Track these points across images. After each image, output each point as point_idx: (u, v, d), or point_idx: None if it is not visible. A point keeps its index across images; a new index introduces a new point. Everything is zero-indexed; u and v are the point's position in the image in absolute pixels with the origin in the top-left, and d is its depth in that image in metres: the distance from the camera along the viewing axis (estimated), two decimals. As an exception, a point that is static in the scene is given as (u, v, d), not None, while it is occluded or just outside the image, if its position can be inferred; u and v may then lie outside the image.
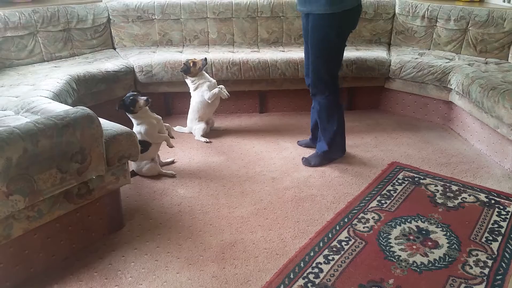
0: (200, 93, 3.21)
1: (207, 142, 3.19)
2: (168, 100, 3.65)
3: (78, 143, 1.80)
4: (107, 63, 3.30)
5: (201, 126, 3.25)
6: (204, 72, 3.23)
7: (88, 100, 3.05)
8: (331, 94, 2.74)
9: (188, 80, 3.24)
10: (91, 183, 1.95)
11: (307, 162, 2.88)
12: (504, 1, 3.70)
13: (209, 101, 3.20)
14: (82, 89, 3.00)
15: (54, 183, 1.75)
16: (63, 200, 1.85)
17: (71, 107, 1.99)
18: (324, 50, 2.63)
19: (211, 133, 3.34)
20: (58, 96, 2.61)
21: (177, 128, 3.37)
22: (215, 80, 3.27)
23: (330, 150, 2.85)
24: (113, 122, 2.14)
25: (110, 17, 3.72)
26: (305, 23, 2.70)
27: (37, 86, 2.67)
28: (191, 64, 3.14)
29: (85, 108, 1.91)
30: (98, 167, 1.92)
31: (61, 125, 1.75)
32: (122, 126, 2.11)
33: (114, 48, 3.77)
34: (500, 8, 3.61)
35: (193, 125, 3.29)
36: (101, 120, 1.98)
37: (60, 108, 2.18)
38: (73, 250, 2.00)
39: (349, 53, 3.48)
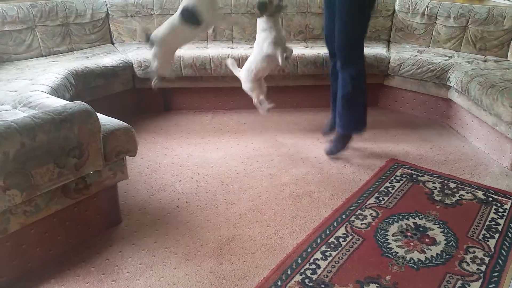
0: (262, 40, 2.78)
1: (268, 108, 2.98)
2: (166, 95, 3.64)
3: (75, 138, 1.80)
4: (105, 58, 3.29)
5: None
6: (279, 18, 2.88)
7: (86, 95, 3.04)
8: (362, 64, 2.74)
9: (260, 20, 2.80)
10: (89, 178, 1.94)
11: (330, 152, 2.88)
12: (504, -1, 3.70)
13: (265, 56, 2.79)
14: (80, 84, 2.99)
15: (51, 177, 1.75)
16: (60, 195, 1.85)
17: (69, 102, 1.99)
18: (357, 9, 2.60)
19: (210, 129, 3.34)
20: (56, 91, 2.60)
21: (230, 62, 3.09)
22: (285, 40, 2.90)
23: (354, 127, 2.84)
24: (111, 117, 2.13)
25: (109, 12, 3.70)
26: None
27: (35, 81, 2.66)
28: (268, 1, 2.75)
29: (83, 103, 1.90)
30: (95, 162, 1.91)
31: (59, 119, 1.75)
32: (120, 121, 2.10)
33: (113, 43, 3.75)
34: (500, 6, 3.60)
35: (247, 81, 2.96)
36: (99, 115, 1.97)
37: (58, 103, 2.17)
38: (70, 245, 2.00)
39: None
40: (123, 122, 2.11)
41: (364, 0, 2.64)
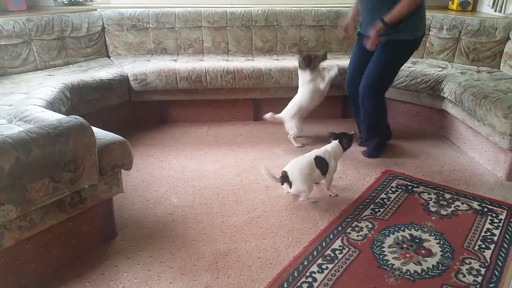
0: (312, 84, 3.20)
1: (299, 147, 3.24)
2: (162, 108, 3.65)
3: (71, 152, 1.79)
4: (101, 71, 3.31)
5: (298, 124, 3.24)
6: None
7: (82, 108, 3.04)
8: (382, 98, 3.06)
9: (303, 72, 3.22)
10: (84, 192, 1.94)
11: (370, 154, 3.10)
12: (495, 11, 3.75)
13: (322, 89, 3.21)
14: (76, 98, 3.00)
15: (46, 192, 1.74)
16: (55, 210, 1.84)
17: (64, 116, 1.99)
18: (391, 70, 2.98)
19: (206, 141, 3.35)
20: (52, 105, 2.60)
21: (269, 115, 3.30)
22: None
23: (373, 153, 3.11)
24: (106, 131, 2.14)
25: (105, 26, 3.73)
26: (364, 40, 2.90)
27: (31, 95, 2.66)
28: (313, 57, 3.18)
29: (78, 117, 1.90)
30: (91, 176, 1.91)
31: (54, 134, 1.75)
32: (116, 135, 2.10)
33: (109, 57, 3.77)
34: (491, 18, 3.65)
35: (292, 121, 3.24)
36: (94, 129, 1.97)
37: (54, 117, 2.17)
38: (65, 260, 1.99)
39: (344, 61, 3.50)
40: (119, 136, 2.11)
41: (400, 64, 3.01)
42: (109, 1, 4.05)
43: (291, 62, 3.62)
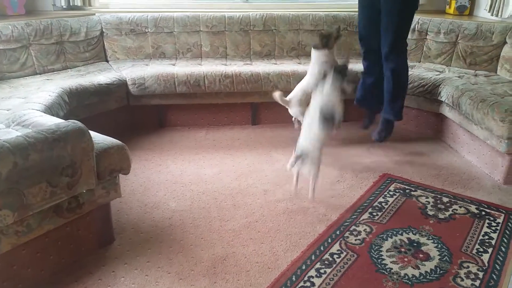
0: (326, 65, 2.96)
1: None
2: (160, 112, 3.65)
3: (68, 157, 1.80)
4: (99, 75, 3.31)
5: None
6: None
7: (80, 112, 3.04)
8: (406, 57, 3.07)
9: (320, 53, 3.04)
10: (81, 197, 1.94)
11: (379, 137, 3.20)
12: (492, 15, 3.77)
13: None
14: (74, 102, 3.00)
15: (44, 197, 1.74)
16: (52, 215, 1.84)
17: (62, 121, 1.99)
18: (410, 13, 2.96)
19: (204, 145, 3.35)
20: (50, 109, 2.60)
21: (278, 95, 3.13)
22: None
23: (398, 116, 3.16)
24: (104, 135, 2.14)
25: (103, 30, 3.73)
26: None
27: (29, 99, 2.66)
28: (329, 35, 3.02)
29: (76, 121, 1.90)
30: (88, 181, 1.91)
31: (52, 139, 1.75)
32: (114, 139, 2.10)
33: (107, 61, 3.78)
34: (488, 22, 3.67)
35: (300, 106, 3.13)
36: (92, 133, 1.97)
37: (52, 121, 2.17)
38: (63, 265, 1.98)
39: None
40: (117, 140, 2.11)
41: (414, 3, 2.96)
42: (108, 6, 4.06)
43: (289, 66, 3.63)
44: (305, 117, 2.58)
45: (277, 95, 3.13)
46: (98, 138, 2.07)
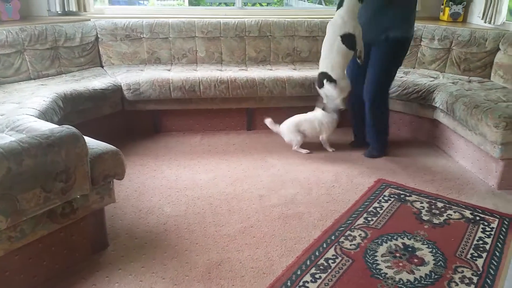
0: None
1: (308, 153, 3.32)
2: (155, 118, 3.65)
3: (63, 162, 1.79)
4: (94, 81, 3.30)
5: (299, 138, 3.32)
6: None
7: (74, 118, 3.04)
8: (386, 100, 3.21)
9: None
10: (76, 203, 1.93)
11: (371, 154, 3.25)
12: (485, 22, 3.81)
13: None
14: (69, 107, 2.99)
15: (37, 202, 1.73)
16: (46, 220, 1.83)
17: (57, 126, 1.98)
18: (392, 65, 3.10)
19: (199, 150, 3.35)
20: (44, 114, 2.59)
21: (268, 122, 3.39)
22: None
23: (381, 152, 3.29)
24: (98, 141, 2.13)
25: (99, 36, 3.73)
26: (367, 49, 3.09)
27: (23, 104, 2.65)
28: None
29: (70, 127, 1.90)
30: (82, 186, 1.90)
31: (46, 144, 1.74)
32: (108, 145, 2.10)
33: (102, 66, 3.77)
34: (481, 29, 3.71)
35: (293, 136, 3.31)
36: (87, 139, 1.97)
37: (46, 126, 2.16)
38: (56, 271, 1.96)
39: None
40: (111, 145, 2.10)
41: (400, 56, 3.11)
42: (103, 12, 4.07)
43: (284, 72, 3.64)
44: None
45: (267, 121, 3.36)
46: (93, 144, 2.06)
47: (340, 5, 3.02)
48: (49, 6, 3.78)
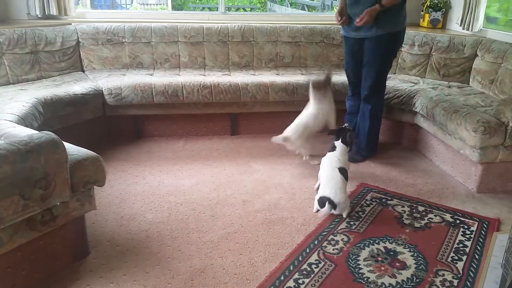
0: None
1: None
2: (138, 123, 3.62)
3: (42, 168, 1.75)
4: (75, 86, 3.26)
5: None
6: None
7: (55, 123, 2.99)
8: (383, 95, 3.28)
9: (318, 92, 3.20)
10: (55, 210, 1.89)
11: (353, 158, 3.19)
12: (463, 29, 3.89)
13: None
14: (49, 113, 2.94)
15: (16, 210, 1.69)
16: (25, 228, 1.79)
17: (36, 132, 1.95)
18: (388, 62, 3.14)
19: (182, 156, 3.33)
20: (24, 120, 2.54)
21: (275, 138, 3.20)
22: None
23: (373, 152, 3.35)
24: (79, 147, 2.10)
25: (80, 40, 3.69)
26: (356, 46, 3.13)
27: (1, 110, 2.60)
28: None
29: (50, 133, 1.86)
30: (62, 193, 1.86)
31: (25, 150, 1.71)
32: (88, 151, 2.07)
33: (83, 71, 3.73)
34: (459, 35, 3.79)
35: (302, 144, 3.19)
36: (67, 145, 1.94)
37: (25, 132, 2.12)
38: (36, 280, 1.93)
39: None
40: (91, 152, 2.07)
41: (394, 50, 3.15)
42: (84, 16, 4.02)
43: (267, 77, 3.65)
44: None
45: (274, 139, 3.18)
46: (73, 150, 2.03)
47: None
48: (28, 9, 3.72)
